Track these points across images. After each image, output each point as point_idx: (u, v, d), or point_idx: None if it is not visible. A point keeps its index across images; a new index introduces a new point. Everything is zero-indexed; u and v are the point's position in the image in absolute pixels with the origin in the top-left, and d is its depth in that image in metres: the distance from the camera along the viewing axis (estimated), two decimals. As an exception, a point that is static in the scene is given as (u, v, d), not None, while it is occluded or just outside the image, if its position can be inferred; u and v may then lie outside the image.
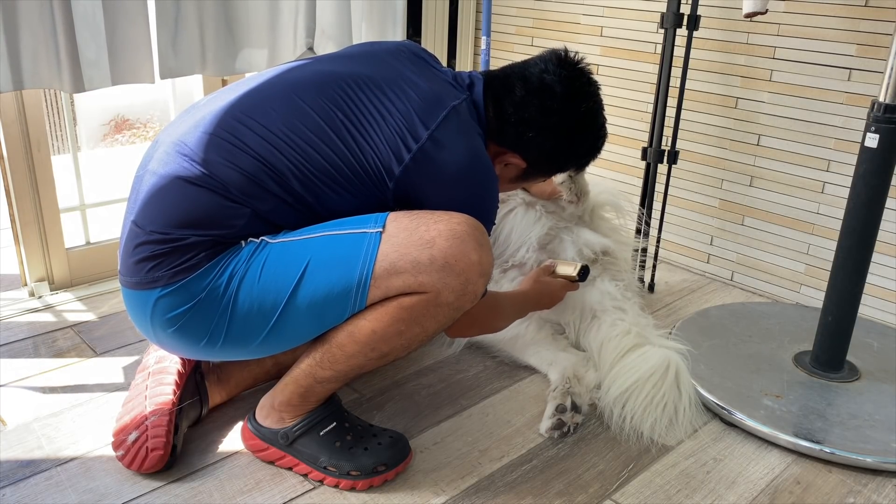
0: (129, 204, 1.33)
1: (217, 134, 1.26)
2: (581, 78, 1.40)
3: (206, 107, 1.32)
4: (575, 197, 1.80)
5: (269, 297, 1.23)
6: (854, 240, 1.60)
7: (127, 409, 1.40)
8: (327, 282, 1.22)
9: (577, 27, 2.44)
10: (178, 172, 1.25)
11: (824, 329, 1.69)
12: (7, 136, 1.89)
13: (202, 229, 1.23)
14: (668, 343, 1.67)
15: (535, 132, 1.38)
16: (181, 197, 1.23)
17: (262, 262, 1.23)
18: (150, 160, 1.31)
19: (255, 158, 1.24)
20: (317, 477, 1.36)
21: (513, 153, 1.41)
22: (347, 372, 1.32)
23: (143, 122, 9.88)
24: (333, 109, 1.28)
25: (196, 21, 1.98)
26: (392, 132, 1.27)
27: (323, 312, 1.24)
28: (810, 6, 1.95)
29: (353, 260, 1.22)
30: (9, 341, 1.81)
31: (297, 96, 1.29)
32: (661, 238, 2.22)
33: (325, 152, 1.26)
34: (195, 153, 1.25)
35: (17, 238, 1.99)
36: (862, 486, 1.41)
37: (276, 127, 1.26)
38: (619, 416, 1.54)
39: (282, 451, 1.38)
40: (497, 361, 1.78)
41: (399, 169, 1.26)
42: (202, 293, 1.23)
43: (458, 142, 1.29)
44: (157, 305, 1.24)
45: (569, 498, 1.35)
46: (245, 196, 1.24)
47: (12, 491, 1.32)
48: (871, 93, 1.89)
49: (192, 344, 1.28)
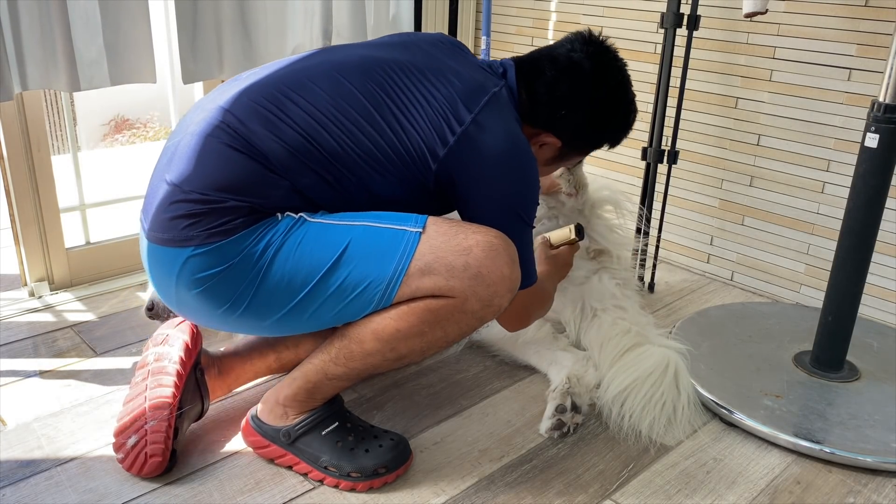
0: (160, 165, 1.34)
1: (262, 105, 1.27)
2: (608, 54, 1.43)
3: (250, 79, 1.34)
4: (573, 190, 1.81)
5: (300, 273, 1.24)
6: (854, 240, 1.60)
7: (127, 409, 1.39)
8: (361, 270, 1.23)
9: (577, 27, 2.43)
10: (220, 137, 1.26)
11: (824, 329, 1.69)
12: (7, 136, 1.89)
13: (240, 195, 1.24)
14: (667, 342, 1.67)
15: (567, 109, 1.41)
16: (222, 161, 1.24)
17: (300, 239, 1.24)
18: (189, 124, 1.32)
19: (299, 134, 1.26)
20: (317, 476, 1.36)
21: (547, 133, 1.44)
22: (361, 371, 1.32)
23: (143, 122, 9.87)
24: (379, 93, 1.31)
25: (213, 24, 1.99)
26: (437, 115, 1.30)
27: (349, 300, 1.25)
28: (810, 6, 1.95)
29: (390, 254, 1.23)
30: (9, 341, 1.81)
31: (343, 78, 1.31)
32: (661, 238, 2.21)
33: (370, 134, 1.28)
34: (239, 121, 1.26)
35: (17, 238, 1.99)
36: (862, 486, 1.41)
37: (322, 105, 1.28)
38: (617, 415, 1.54)
39: (283, 450, 1.38)
40: (497, 361, 1.78)
41: (443, 151, 1.29)
42: (236, 258, 1.23)
43: (499, 125, 1.32)
44: (187, 264, 1.24)
45: (569, 498, 1.35)
46: (285, 169, 1.25)
47: (12, 491, 1.32)
48: (871, 93, 1.89)
49: (213, 308, 1.28)
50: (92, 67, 1.82)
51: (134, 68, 1.89)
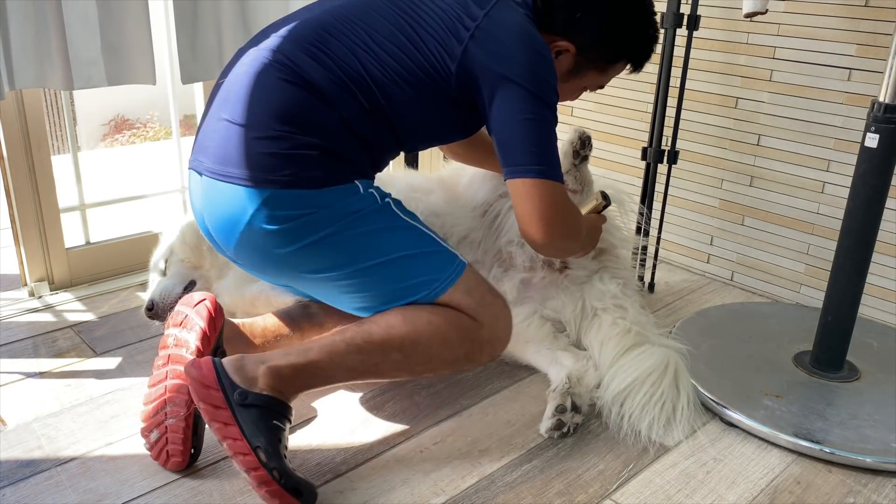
0: (214, 106, 1.39)
1: (308, 41, 1.36)
2: None
3: (288, 23, 1.41)
4: (579, 186, 1.82)
5: (375, 246, 1.35)
6: (854, 240, 1.60)
7: (150, 395, 1.38)
8: (423, 264, 1.37)
9: (577, 27, 2.44)
10: (272, 73, 1.33)
11: (824, 329, 1.69)
12: (7, 136, 1.89)
13: (300, 129, 1.31)
14: (667, 342, 1.67)
15: (582, 12, 1.44)
16: (276, 93, 1.32)
17: (385, 221, 1.36)
18: (235, 65, 1.40)
19: (340, 64, 1.34)
20: (237, 449, 1.24)
21: (563, 38, 1.46)
22: (356, 366, 1.35)
23: (143, 121, 9.87)
24: (398, 13, 1.40)
25: (213, 25, 1.98)
26: (450, 18, 1.38)
27: (404, 284, 1.36)
28: (810, 6, 1.95)
29: (447, 263, 1.39)
30: (9, 341, 1.81)
31: (370, 7, 1.41)
32: (661, 238, 2.21)
33: (394, 53, 1.37)
34: (287, 58, 1.34)
35: (17, 238, 1.99)
36: (862, 486, 1.41)
37: (356, 35, 1.37)
38: (617, 415, 1.54)
39: (225, 403, 1.27)
40: (497, 361, 1.78)
41: (460, 49, 1.36)
42: (321, 209, 1.32)
43: (512, 17, 1.39)
44: (267, 202, 1.30)
45: (569, 498, 1.35)
46: (331, 98, 1.33)
47: (12, 491, 1.32)
48: (871, 93, 1.89)
49: (280, 246, 1.33)
50: (90, 67, 1.82)
51: (133, 69, 1.89)
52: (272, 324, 1.58)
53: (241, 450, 1.25)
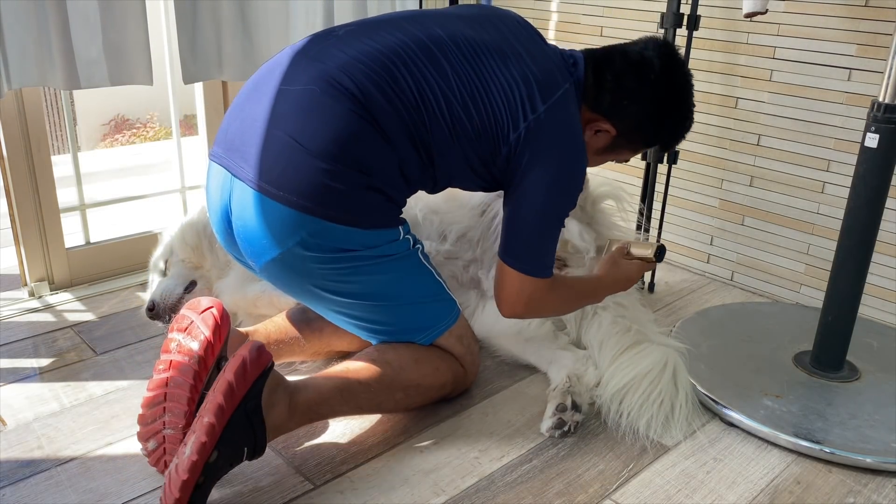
0: (266, 114, 1.35)
1: (378, 75, 1.36)
2: (677, 59, 1.50)
3: (356, 42, 1.41)
4: None
5: (397, 289, 1.45)
6: (854, 240, 1.60)
7: (149, 400, 1.34)
8: (429, 310, 1.51)
9: (577, 27, 2.44)
10: (340, 98, 1.33)
11: (824, 329, 1.69)
12: (7, 136, 1.89)
13: (365, 170, 1.34)
14: (667, 341, 1.67)
15: (629, 100, 1.48)
16: (343, 120, 1.33)
17: (405, 267, 1.45)
18: (293, 71, 1.38)
19: (407, 107, 1.37)
20: (204, 436, 1.20)
21: (605, 120, 1.50)
22: (362, 404, 1.46)
23: (143, 121, 9.87)
24: (469, 72, 1.42)
25: (213, 25, 1.98)
26: (515, 102, 1.42)
27: (408, 325, 1.50)
28: (810, 6, 1.95)
29: (448, 310, 1.54)
30: (9, 341, 1.81)
31: (440, 54, 1.42)
32: (662, 238, 2.21)
33: (457, 114, 1.40)
34: (357, 86, 1.34)
35: (17, 238, 1.99)
36: (862, 486, 1.41)
37: (426, 81, 1.39)
38: (615, 413, 1.55)
39: (237, 402, 1.25)
40: (497, 361, 1.78)
41: (514, 135, 1.42)
42: (363, 249, 1.38)
43: (566, 118, 1.45)
44: (316, 232, 1.33)
45: (569, 498, 1.35)
46: (395, 143, 1.36)
47: (12, 491, 1.32)
48: (871, 93, 1.89)
49: (310, 266, 1.37)
50: (91, 67, 1.82)
51: (133, 69, 1.88)
52: (274, 330, 1.62)
53: (206, 438, 1.20)
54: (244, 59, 2.07)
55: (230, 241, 1.47)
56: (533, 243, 1.45)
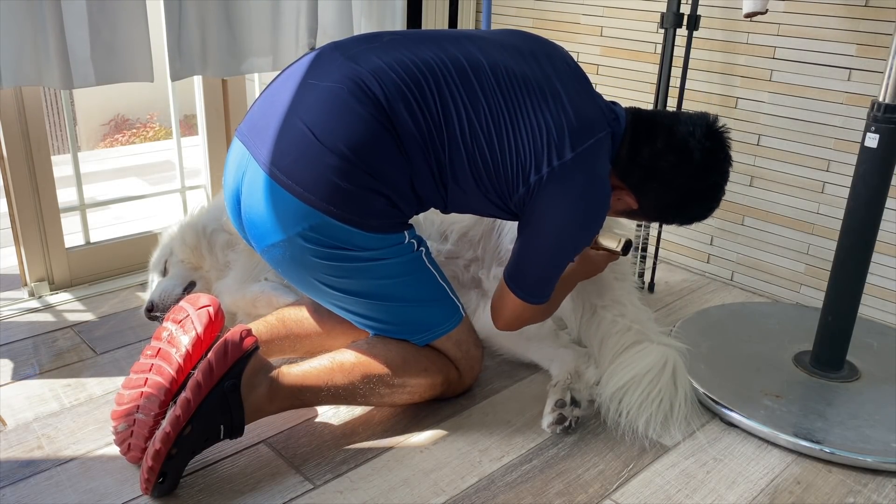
0: (293, 100, 1.36)
1: (406, 85, 1.35)
2: (721, 153, 1.45)
3: (393, 48, 1.40)
4: None
5: (397, 288, 1.44)
6: (854, 240, 1.60)
7: (130, 382, 1.38)
8: (430, 311, 1.49)
9: (577, 27, 2.44)
10: (365, 100, 1.33)
11: (824, 329, 1.69)
12: (7, 136, 1.89)
13: (374, 174, 1.33)
14: (667, 340, 1.67)
15: (658, 184, 1.45)
16: (362, 124, 1.32)
17: (407, 268, 1.43)
18: (328, 64, 1.38)
19: (427, 125, 1.36)
20: (180, 412, 1.26)
21: (630, 192, 1.48)
22: (344, 394, 1.45)
23: (143, 122, 9.86)
24: (501, 105, 1.39)
25: (198, 22, 1.98)
26: (541, 145, 1.38)
27: (408, 322, 1.48)
28: (810, 6, 1.95)
29: (450, 314, 1.51)
30: (9, 341, 1.81)
31: (475, 79, 1.39)
32: (661, 238, 2.21)
33: (480, 145, 1.38)
34: (385, 96, 1.34)
35: (17, 238, 1.99)
36: (862, 486, 1.41)
37: (454, 103, 1.37)
38: (615, 412, 1.55)
39: (215, 382, 1.30)
40: (497, 361, 1.78)
41: (535, 178, 1.38)
42: (364, 251, 1.37)
43: (592, 169, 1.40)
44: (319, 226, 1.34)
45: (569, 498, 1.35)
46: (410, 155, 1.36)
47: (12, 491, 1.32)
48: (871, 93, 1.89)
49: (309, 258, 1.37)
50: (87, 65, 1.81)
51: (131, 66, 1.88)
52: (265, 330, 1.61)
53: (181, 412, 1.27)
54: (229, 56, 2.06)
55: (238, 218, 1.48)
56: (539, 277, 1.46)
